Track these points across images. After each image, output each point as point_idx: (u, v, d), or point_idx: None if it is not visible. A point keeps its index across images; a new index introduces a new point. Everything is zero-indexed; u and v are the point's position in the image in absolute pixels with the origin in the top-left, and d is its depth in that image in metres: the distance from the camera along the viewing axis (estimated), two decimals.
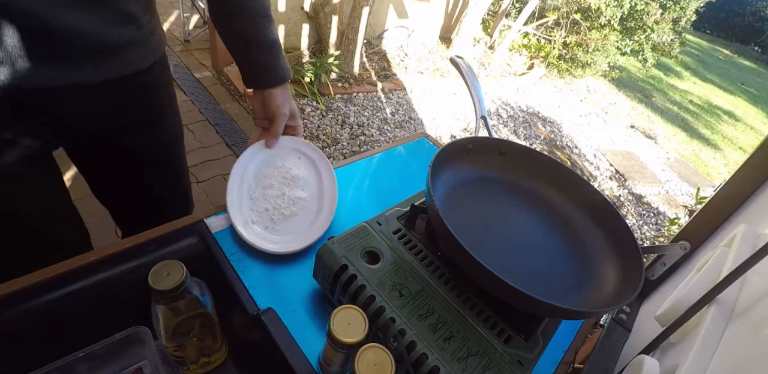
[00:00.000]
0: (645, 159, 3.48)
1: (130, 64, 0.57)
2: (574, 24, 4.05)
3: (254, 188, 0.64)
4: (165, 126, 0.71)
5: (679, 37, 4.28)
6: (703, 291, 0.46)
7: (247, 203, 0.62)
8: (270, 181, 0.65)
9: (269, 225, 0.62)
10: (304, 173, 0.68)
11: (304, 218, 0.65)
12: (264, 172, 0.65)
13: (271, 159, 0.67)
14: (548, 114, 3.64)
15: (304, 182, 0.67)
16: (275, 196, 0.64)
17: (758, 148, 0.59)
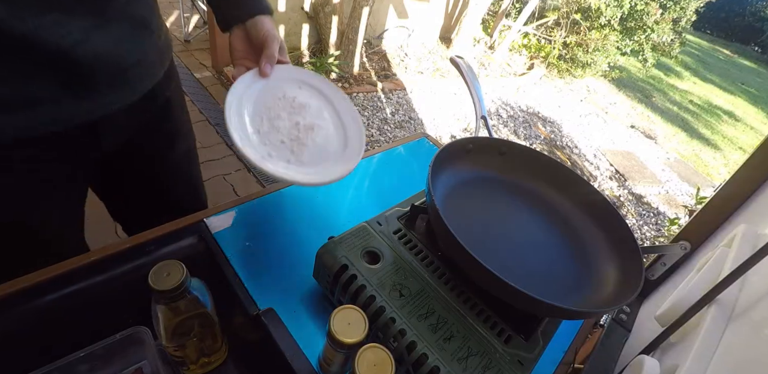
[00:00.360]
0: (645, 159, 3.48)
1: (148, 75, 0.55)
2: (574, 24, 4.04)
3: (259, 123, 0.53)
4: (182, 136, 0.71)
5: (679, 37, 4.28)
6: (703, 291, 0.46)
7: (255, 139, 0.51)
8: (276, 112, 0.55)
9: (291, 158, 0.52)
10: (312, 102, 0.59)
11: (332, 144, 0.57)
12: (265, 104, 0.55)
13: (267, 91, 0.56)
14: (548, 114, 3.64)
15: (316, 111, 0.59)
16: (288, 127, 0.55)
17: (758, 148, 0.59)
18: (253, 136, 0.51)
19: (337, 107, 0.61)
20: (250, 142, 0.50)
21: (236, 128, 0.50)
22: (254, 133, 0.52)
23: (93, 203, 0.78)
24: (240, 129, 0.50)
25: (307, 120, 0.56)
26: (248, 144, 0.50)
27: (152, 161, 0.68)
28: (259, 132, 0.52)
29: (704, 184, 3.38)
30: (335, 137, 0.58)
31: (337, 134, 0.59)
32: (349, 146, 0.58)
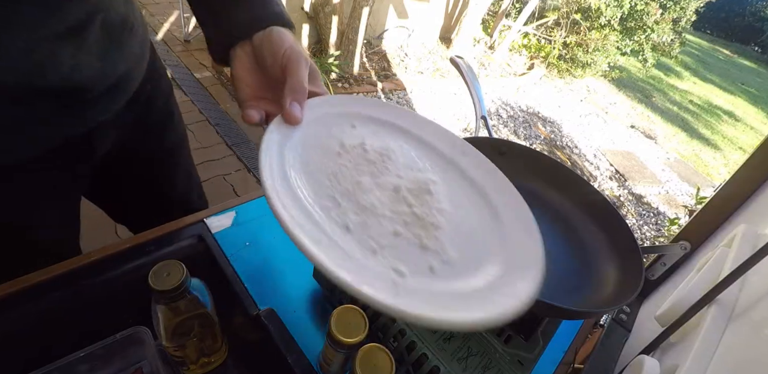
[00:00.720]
0: (645, 159, 3.48)
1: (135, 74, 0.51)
2: (574, 24, 4.05)
3: (337, 209, 0.32)
4: (175, 125, 0.67)
5: (679, 37, 4.28)
6: (703, 291, 0.46)
7: (349, 242, 0.30)
8: (351, 178, 0.35)
9: (433, 262, 0.31)
10: (391, 143, 0.40)
11: (472, 215, 0.37)
12: (324, 170, 0.35)
13: (313, 147, 0.36)
14: (548, 114, 3.64)
15: (407, 157, 0.39)
16: (387, 199, 0.34)
17: (758, 148, 0.59)
18: (343, 238, 0.30)
19: (433, 143, 0.41)
20: (344, 255, 0.28)
21: (314, 244, 0.27)
22: (343, 232, 0.30)
23: (92, 204, 0.78)
24: (313, 235, 0.28)
25: (407, 177, 0.37)
26: (357, 268, 0.28)
27: (144, 154, 0.64)
28: (348, 228, 0.31)
29: (704, 184, 3.38)
30: (465, 194, 0.39)
31: (467, 188, 0.39)
32: (502, 205, 0.38)
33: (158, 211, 0.72)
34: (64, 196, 0.55)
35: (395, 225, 0.33)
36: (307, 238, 0.27)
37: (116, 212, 0.75)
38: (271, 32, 0.39)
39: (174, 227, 0.57)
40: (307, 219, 0.30)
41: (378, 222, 0.32)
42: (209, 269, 0.54)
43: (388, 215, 0.33)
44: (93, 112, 0.46)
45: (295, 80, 0.37)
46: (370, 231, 0.31)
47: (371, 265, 0.29)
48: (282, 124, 0.35)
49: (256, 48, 0.40)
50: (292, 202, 0.30)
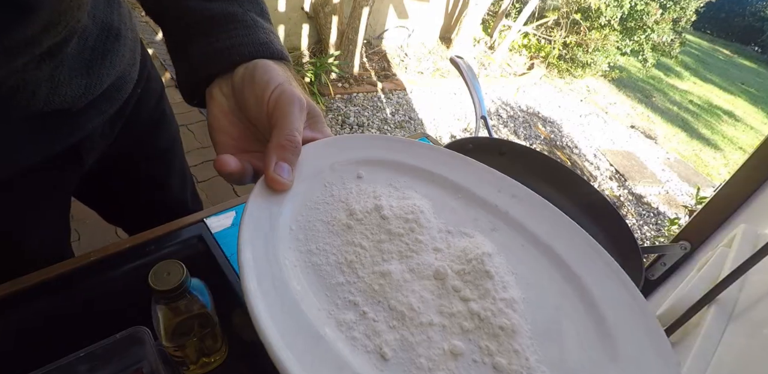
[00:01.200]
0: (645, 159, 3.48)
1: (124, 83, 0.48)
2: (574, 24, 4.05)
3: (363, 325, 0.23)
4: (167, 126, 0.65)
5: (679, 37, 4.28)
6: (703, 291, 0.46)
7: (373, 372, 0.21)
8: (371, 268, 0.26)
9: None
10: (412, 197, 0.31)
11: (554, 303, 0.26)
12: (332, 259, 0.26)
13: (311, 215, 0.28)
14: (548, 114, 3.64)
15: (440, 217, 0.30)
16: (427, 293, 0.25)
17: (758, 148, 0.59)
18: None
19: (466, 185, 0.32)
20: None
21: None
22: (378, 364, 0.21)
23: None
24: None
25: (450, 248, 0.28)
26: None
27: (138, 155, 0.62)
28: (384, 357, 0.21)
29: (704, 184, 3.38)
30: (536, 266, 0.28)
31: (530, 254, 0.29)
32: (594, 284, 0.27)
33: (154, 212, 0.71)
34: (52, 202, 0.53)
35: (451, 339, 0.22)
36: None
37: (111, 215, 0.74)
38: (255, 67, 0.30)
39: (174, 227, 0.57)
40: (318, 353, 0.20)
41: (425, 337, 0.22)
42: (209, 269, 0.54)
43: (436, 323, 0.23)
44: (78, 125, 0.43)
45: (284, 132, 0.27)
46: (416, 355, 0.21)
47: None
48: (266, 190, 0.27)
49: (237, 87, 0.31)
50: (292, 322, 0.20)
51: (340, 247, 0.26)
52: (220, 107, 0.32)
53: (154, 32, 2.78)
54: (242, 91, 0.30)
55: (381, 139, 0.34)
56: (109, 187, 0.65)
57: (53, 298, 0.46)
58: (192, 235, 0.57)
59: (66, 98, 0.37)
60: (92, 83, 0.40)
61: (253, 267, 0.22)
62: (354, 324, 0.22)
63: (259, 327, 0.19)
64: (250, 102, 0.30)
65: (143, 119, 0.59)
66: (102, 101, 0.44)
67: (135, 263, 0.52)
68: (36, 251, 0.54)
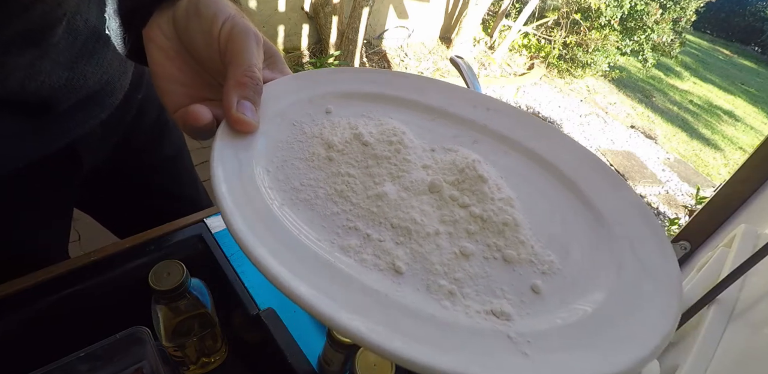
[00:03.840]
0: (645, 159, 3.48)
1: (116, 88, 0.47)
2: (574, 24, 4.05)
3: (358, 238, 0.23)
4: (171, 132, 0.65)
5: (679, 37, 4.28)
6: (703, 291, 0.46)
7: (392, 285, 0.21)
8: (363, 190, 0.25)
9: (534, 278, 0.23)
10: (389, 122, 0.30)
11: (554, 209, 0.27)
12: (314, 189, 0.25)
13: (286, 154, 0.27)
14: (548, 114, 3.65)
15: (424, 137, 0.30)
16: (427, 206, 0.25)
17: (758, 148, 0.59)
18: (399, 289, 0.21)
19: (442, 106, 0.32)
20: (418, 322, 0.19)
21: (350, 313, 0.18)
22: (394, 279, 0.21)
23: None
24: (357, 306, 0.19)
25: (438, 162, 0.28)
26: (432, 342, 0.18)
27: (146, 162, 0.62)
28: (398, 270, 0.21)
29: (704, 184, 3.38)
30: (524, 169, 0.29)
31: (516, 160, 0.29)
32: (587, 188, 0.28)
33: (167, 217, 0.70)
34: (51, 209, 0.53)
35: (459, 241, 0.23)
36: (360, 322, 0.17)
37: (122, 228, 0.72)
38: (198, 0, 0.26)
39: (174, 227, 0.57)
40: (336, 282, 0.19)
41: (434, 246, 0.22)
42: (209, 269, 0.54)
43: (443, 231, 0.23)
44: (66, 126, 0.43)
45: (242, 69, 0.25)
46: (430, 263, 0.22)
47: (462, 322, 0.19)
48: (230, 132, 0.25)
49: (180, 25, 0.27)
50: (299, 259, 0.20)
51: (327, 179, 0.25)
52: (164, 51, 0.27)
53: None
54: (187, 29, 0.26)
55: (344, 71, 0.32)
56: (115, 196, 0.64)
57: (53, 298, 0.46)
58: (192, 235, 0.57)
59: (44, 86, 0.35)
60: (74, 77, 0.38)
61: (239, 216, 0.20)
62: (360, 248, 0.22)
63: (271, 274, 0.18)
64: (198, 40, 0.26)
65: (147, 126, 0.59)
66: (91, 104, 0.44)
67: (135, 263, 0.52)
68: (29, 253, 0.53)
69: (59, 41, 0.35)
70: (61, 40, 0.35)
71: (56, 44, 0.35)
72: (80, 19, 0.37)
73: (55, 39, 0.35)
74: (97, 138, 0.49)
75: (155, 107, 0.59)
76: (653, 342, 0.21)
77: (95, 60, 0.40)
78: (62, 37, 0.35)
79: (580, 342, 0.19)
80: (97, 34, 0.40)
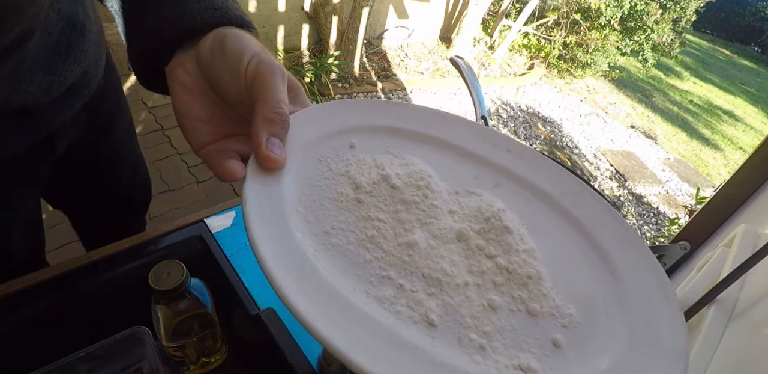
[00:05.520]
0: (645, 159, 3.48)
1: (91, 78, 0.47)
2: (574, 24, 4.05)
3: (400, 294, 0.23)
4: (123, 115, 0.64)
5: (679, 37, 4.28)
6: (703, 291, 0.46)
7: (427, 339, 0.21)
8: (393, 238, 0.25)
9: (554, 332, 0.23)
10: (414, 162, 0.30)
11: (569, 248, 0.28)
12: (345, 234, 0.25)
13: (314, 193, 0.26)
14: (548, 114, 3.65)
15: (447, 177, 0.30)
16: (456, 256, 0.25)
17: (758, 148, 0.59)
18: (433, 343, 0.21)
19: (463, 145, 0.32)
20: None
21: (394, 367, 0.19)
22: (428, 332, 0.21)
23: None
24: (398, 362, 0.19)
25: (464, 207, 0.28)
26: None
27: (98, 146, 0.61)
28: (432, 323, 0.22)
29: (704, 184, 3.38)
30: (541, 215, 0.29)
31: (534, 205, 0.30)
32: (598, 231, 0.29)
33: (102, 206, 0.68)
34: (25, 195, 0.52)
35: (487, 295, 0.24)
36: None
37: (74, 213, 0.72)
38: (225, 37, 0.27)
39: (174, 227, 0.57)
40: (379, 339, 0.19)
41: (464, 298, 0.23)
42: (209, 269, 0.54)
43: (471, 282, 0.24)
44: (45, 120, 0.43)
45: (270, 105, 0.25)
46: (461, 316, 0.22)
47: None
48: (259, 171, 0.25)
49: (205, 62, 0.27)
50: (341, 314, 0.20)
51: (357, 223, 0.25)
52: (187, 88, 0.28)
53: None
54: (212, 66, 0.27)
55: (364, 103, 0.32)
56: (71, 182, 0.64)
57: (53, 298, 0.46)
58: (192, 235, 0.57)
59: (28, 96, 0.36)
60: (55, 80, 0.38)
61: (278, 265, 0.21)
62: (395, 299, 0.22)
63: (317, 333, 0.19)
64: (224, 76, 0.26)
65: (104, 110, 0.58)
66: (68, 96, 0.43)
67: (135, 263, 0.52)
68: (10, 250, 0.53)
69: (35, 43, 0.34)
70: (36, 42, 0.34)
71: (32, 47, 0.34)
72: (53, 13, 0.35)
73: (31, 50, 0.34)
74: (69, 124, 0.49)
75: (114, 90, 0.59)
76: None
77: (73, 55, 0.39)
78: (37, 38, 0.34)
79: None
80: (72, 24, 0.38)
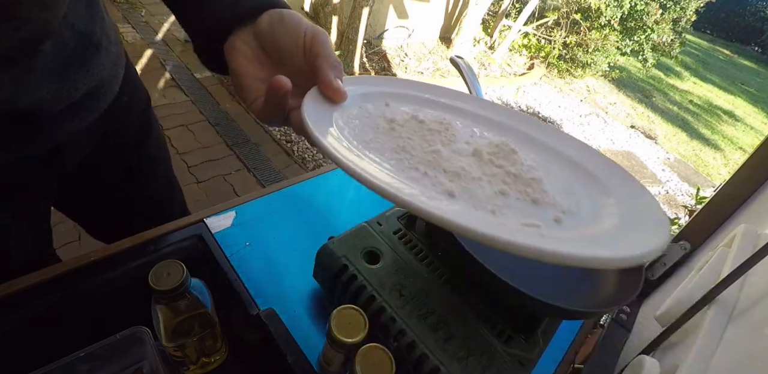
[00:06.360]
0: (645, 159, 3.48)
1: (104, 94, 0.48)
2: (574, 24, 4.05)
3: (431, 179, 0.29)
4: (154, 136, 0.66)
5: (679, 37, 4.28)
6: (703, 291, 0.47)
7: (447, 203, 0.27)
8: (423, 148, 0.32)
9: (556, 213, 0.29)
10: (441, 114, 0.38)
11: (556, 168, 0.36)
12: (388, 145, 0.32)
13: (356, 122, 0.33)
14: (548, 114, 3.65)
15: (465, 125, 0.38)
16: (475, 164, 0.32)
17: (758, 148, 0.59)
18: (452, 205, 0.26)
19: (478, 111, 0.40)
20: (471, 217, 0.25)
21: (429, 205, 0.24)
22: (448, 199, 0.27)
23: None
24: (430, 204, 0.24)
25: (479, 141, 0.35)
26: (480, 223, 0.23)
27: (122, 165, 0.62)
28: (452, 194, 0.27)
29: (704, 184, 3.38)
30: (534, 150, 0.38)
31: (531, 146, 0.38)
32: (573, 152, 0.37)
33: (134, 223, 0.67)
34: (33, 203, 0.52)
35: (498, 186, 0.29)
36: (433, 208, 0.23)
37: (93, 225, 0.72)
38: (282, 14, 0.34)
39: (174, 227, 0.57)
40: (411, 191, 0.26)
41: (478, 186, 0.29)
42: (209, 269, 0.54)
43: (484, 178, 0.30)
44: (51, 129, 0.43)
45: (331, 58, 0.33)
46: (476, 196, 0.28)
47: (502, 222, 0.26)
48: (317, 101, 0.31)
49: (264, 34, 0.34)
50: (386, 174, 0.27)
51: (391, 141, 0.32)
52: (247, 56, 0.34)
53: (155, 32, 2.78)
54: (273, 36, 0.34)
55: (402, 80, 0.41)
56: (91, 196, 0.64)
57: (54, 298, 0.46)
58: (192, 235, 0.57)
59: (36, 100, 0.37)
60: (65, 88, 0.40)
61: (337, 149, 0.26)
62: (422, 179, 0.28)
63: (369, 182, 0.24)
64: (285, 43, 0.33)
65: (130, 128, 0.59)
66: (78, 108, 0.44)
67: (135, 263, 0.52)
68: (16, 255, 0.53)
69: (48, 52, 0.36)
70: (49, 52, 0.36)
71: (45, 56, 0.36)
72: (66, 27, 0.37)
73: (43, 56, 0.36)
74: (81, 137, 0.50)
75: (139, 108, 0.60)
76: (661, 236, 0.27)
77: (86, 68, 0.42)
78: (50, 48, 0.36)
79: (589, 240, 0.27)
80: (86, 41, 0.41)
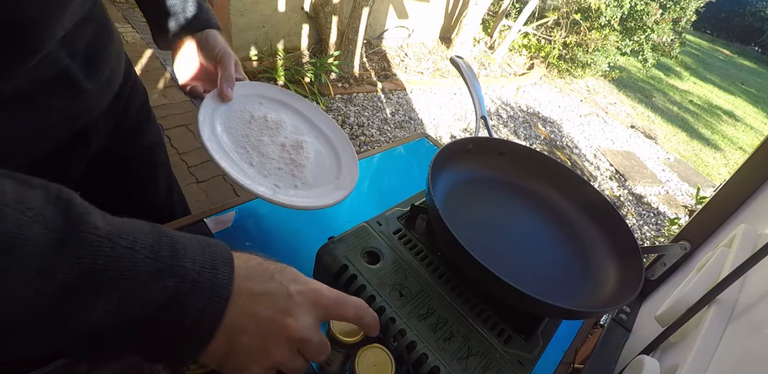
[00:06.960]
0: (645, 159, 3.48)
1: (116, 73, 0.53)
2: (574, 24, 4.05)
3: (247, 155, 0.52)
4: (152, 126, 0.69)
5: (679, 37, 4.28)
6: (703, 291, 0.46)
7: (254, 174, 0.51)
8: (256, 137, 0.55)
9: (297, 183, 0.54)
10: (284, 117, 0.60)
11: (326, 156, 0.60)
12: (240, 132, 0.54)
13: (233, 116, 0.55)
14: (548, 114, 3.65)
15: (292, 126, 0.60)
16: (277, 151, 0.55)
17: (758, 148, 0.59)
18: (249, 171, 0.51)
19: (308, 116, 0.63)
20: (252, 179, 0.49)
21: (233, 169, 0.48)
22: (249, 167, 0.51)
23: None
24: (236, 169, 0.49)
25: (290, 138, 0.57)
26: (255, 182, 0.49)
27: (124, 154, 0.65)
28: (252, 165, 0.52)
29: (704, 184, 3.38)
30: (324, 147, 0.61)
31: (325, 143, 0.61)
32: (342, 152, 0.61)
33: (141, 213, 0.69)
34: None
35: (279, 164, 0.55)
36: (228, 166, 0.48)
37: None
38: (208, 34, 0.55)
39: (174, 227, 0.57)
40: (228, 158, 0.50)
41: (270, 162, 0.54)
42: None
43: (276, 159, 0.55)
44: (88, 102, 0.47)
45: (228, 73, 0.54)
46: (264, 166, 0.53)
47: (263, 181, 0.51)
48: (215, 99, 0.54)
49: (199, 43, 0.55)
50: (218, 147, 0.50)
51: (243, 128, 0.55)
52: (186, 54, 0.56)
53: None
54: (202, 45, 0.55)
55: (275, 87, 0.63)
56: (96, 188, 0.63)
57: None
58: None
59: (78, 70, 0.44)
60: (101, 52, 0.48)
61: (206, 129, 0.51)
62: (242, 153, 0.53)
63: (208, 148, 0.48)
64: (204, 54, 0.56)
65: (131, 117, 0.62)
66: (105, 83, 0.51)
67: None
68: None
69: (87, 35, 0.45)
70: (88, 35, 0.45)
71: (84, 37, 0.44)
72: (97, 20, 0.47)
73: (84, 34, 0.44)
74: (100, 122, 0.54)
75: (140, 96, 0.65)
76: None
77: (108, 50, 0.50)
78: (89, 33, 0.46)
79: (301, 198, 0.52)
80: (105, 28, 0.49)
